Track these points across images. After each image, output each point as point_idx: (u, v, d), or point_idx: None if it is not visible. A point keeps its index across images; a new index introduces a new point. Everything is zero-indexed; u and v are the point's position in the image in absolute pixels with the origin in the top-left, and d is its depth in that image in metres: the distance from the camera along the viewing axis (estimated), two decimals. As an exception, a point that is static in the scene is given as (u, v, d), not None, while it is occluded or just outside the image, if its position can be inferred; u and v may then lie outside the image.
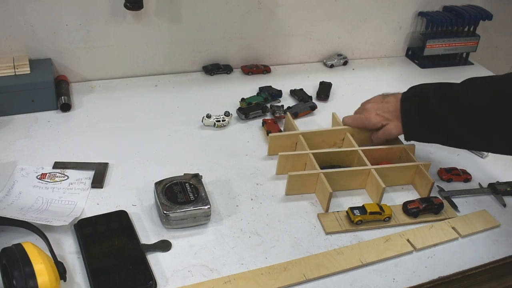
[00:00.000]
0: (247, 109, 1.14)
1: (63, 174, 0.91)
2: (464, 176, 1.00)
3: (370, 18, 1.43)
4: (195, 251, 0.78)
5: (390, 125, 0.96)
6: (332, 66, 1.43)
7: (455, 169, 1.01)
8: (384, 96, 1.00)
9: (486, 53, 1.63)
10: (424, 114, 0.91)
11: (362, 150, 0.97)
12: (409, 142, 0.98)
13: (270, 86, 1.25)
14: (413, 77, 1.43)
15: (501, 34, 1.67)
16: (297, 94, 1.24)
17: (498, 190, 0.96)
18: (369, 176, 0.93)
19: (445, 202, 0.91)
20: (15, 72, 1.08)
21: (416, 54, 1.52)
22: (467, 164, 1.04)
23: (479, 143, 0.90)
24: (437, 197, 0.91)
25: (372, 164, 0.94)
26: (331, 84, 1.29)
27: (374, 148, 0.99)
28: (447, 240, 0.85)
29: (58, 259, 0.69)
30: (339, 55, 1.45)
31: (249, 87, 1.26)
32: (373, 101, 1.02)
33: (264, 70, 1.35)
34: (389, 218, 0.86)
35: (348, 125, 1.03)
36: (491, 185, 0.98)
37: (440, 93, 0.90)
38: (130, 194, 0.88)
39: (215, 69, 1.32)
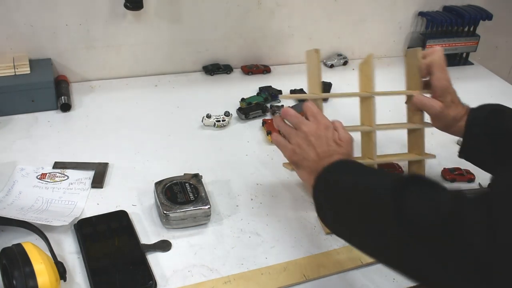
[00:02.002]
0: (247, 109, 1.14)
1: (63, 174, 0.91)
2: (468, 176, 1.00)
3: (370, 18, 1.43)
4: (195, 251, 0.78)
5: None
6: (332, 66, 1.43)
7: (459, 169, 1.01)
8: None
9: (486, 53, 1.63)
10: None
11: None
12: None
13: (270, 86, 1.25)
14: (413, 77, 1.43)
15: (501, 34, 1.67)
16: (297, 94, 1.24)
17: (498, 190, 0.96)
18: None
19: (445, 202, 0.91)
20: (15, 72, 1.08)
21: (416, 54, 1.51)
22: (467, 164, 1.04)
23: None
24: (437, 197, 0.91)
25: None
26: (331, 84, 1.29)
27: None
28: (447, 240, 0.84)
29: (58, 259, 0.69)
30: (339, 55, 1.45)
31: (249, 87, 1.26)
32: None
33: (264, 70, 1.35)
34: (389, 218, 0.86)
35: None
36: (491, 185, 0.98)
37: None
38: (130, 194, 0.88)
39: (215, 69, 1.32)
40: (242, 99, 1.18)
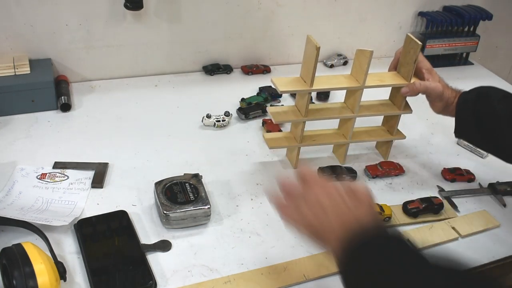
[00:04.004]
0: (247, 109, 1.14)
1: (63, 174, 0.91)
2: (468, 176, 1.00)
3: (370, 18, 1.43)
4: (195, 251, 0.78)
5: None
6: (332, 66, 1.43)
7: (458, 169, 1.01)
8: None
9: (486, 53, 1.63)
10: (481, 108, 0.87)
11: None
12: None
13: (270, 86, 1.25)
14: (413, 77, 1.43)
15: (501, 34, 1.67)
16: (297, 94, 1.24)
17: (498, 190, 0.96)
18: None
19: (445, 202, 0.91)
20: (15, 72, 1.08)
21: (416, 54, 1.51)
22: (466, 164, 1.04)
23: None
24: (437, 197, 0.91)
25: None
26: (331, 84, 1.29)
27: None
28: (447, 240, 0.85)
29: (58, 259, 0.69)
30: (339, 55, 1.45)
31: (249, 87, 1.26)
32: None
33: (264, 70, 1.35)
34: (389, 218, 0.86)
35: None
36: (491, 185, 0.98)
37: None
38: (130, 194, 0.88)
39: (215, 69, 1.32)
40: (242, 99, 1.18)
